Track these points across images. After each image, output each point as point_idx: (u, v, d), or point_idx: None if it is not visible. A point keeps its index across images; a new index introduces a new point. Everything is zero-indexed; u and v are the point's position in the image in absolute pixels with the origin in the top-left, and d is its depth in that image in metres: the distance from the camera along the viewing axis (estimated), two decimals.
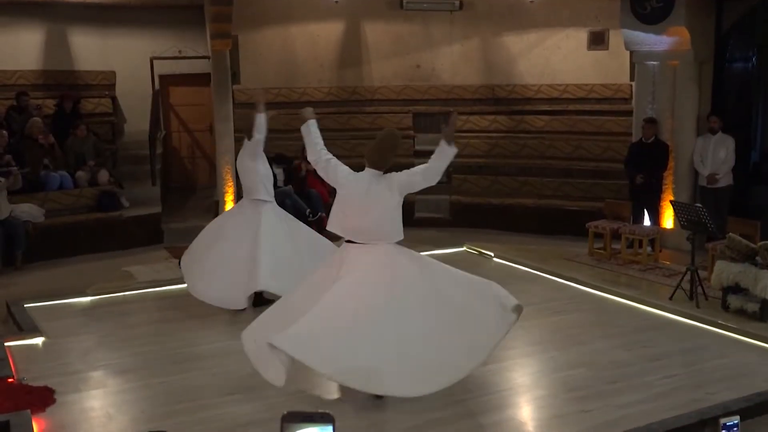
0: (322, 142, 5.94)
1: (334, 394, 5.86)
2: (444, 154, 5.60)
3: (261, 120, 7.73)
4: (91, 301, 8.53)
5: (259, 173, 7.91)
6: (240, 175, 8.15)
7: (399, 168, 5.79)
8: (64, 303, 8.41)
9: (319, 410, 1.72)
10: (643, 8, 10.41)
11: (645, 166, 10.28)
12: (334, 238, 6.77)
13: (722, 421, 2.19)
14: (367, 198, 5.60)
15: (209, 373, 6.38)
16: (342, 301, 5.47)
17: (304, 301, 5.57)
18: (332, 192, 6.08)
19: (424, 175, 5.64)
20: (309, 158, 5.96)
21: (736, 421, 2.21)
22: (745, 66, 10.75)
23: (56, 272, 9.76)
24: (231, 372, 6.27)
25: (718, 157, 10.02)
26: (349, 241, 5.74)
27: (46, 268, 9.92)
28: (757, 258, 7.60)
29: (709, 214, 8.00)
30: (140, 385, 6.17)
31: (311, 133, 5.94)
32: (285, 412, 1.71)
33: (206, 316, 7.76)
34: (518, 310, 5.76)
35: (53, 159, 11.26)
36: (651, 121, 10.40)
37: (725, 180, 10.04)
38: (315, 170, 6.05)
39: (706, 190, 10.11)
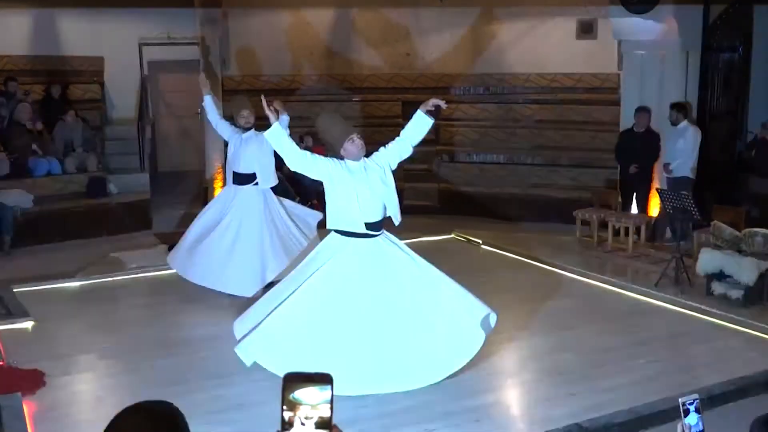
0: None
1: None
2: (420, 122, 5.76)
3: (285, 121, 7.69)
4: (81, 285, 8.53)
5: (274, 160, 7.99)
6: (233, 160, 7.97)
7: None
8: (54, 287, 8.41)
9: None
10: None
11: (637, 155, 10.30)
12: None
13: (681, 400, 2.25)
14: (370, 182, 5.61)
15: (199, 356, 6.42)
16: (313, 298, 5.48)
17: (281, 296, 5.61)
18: None
19: (401, 144, 5.83)
20: (293, 166, 5.60)
21: (695, 398, 2.28)
22: (732, 56, 10.84)
23: (45, 258, 9.73)
24: (221, 355, 6.29)
25: (676, 147, 10.06)
26: (345, 234, 5.65)
27: (34, 253, 9.88)
28: (742, 245, 7.71)
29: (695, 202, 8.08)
30: (130, 369, 6.21)
31: (284, 136, 5.62)
32: (286, 373, 1.77)
33: (195, 301, 7.79)
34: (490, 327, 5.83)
35: (41, 145, 11.23)
36: (646, 110, 10.39)
37: (680, 171, 9.97)
38: (306, 150, 5.87)
39: (668, 181, 10.16)
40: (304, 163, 5.58)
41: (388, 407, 5.42)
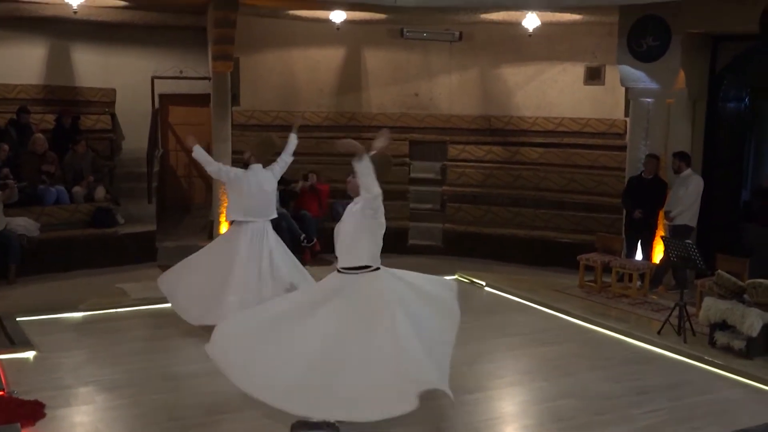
0: None
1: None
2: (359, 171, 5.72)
3: (294, 141, 8.22)
4: (83, 316, 8.58)
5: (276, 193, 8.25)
6: (253, 197, 7.99)
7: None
8: (56, 318, 8.46)
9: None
10: (639, 46, 10.58)
11: (642, 201, 10.34)
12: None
13: None
14: None
15: (200, 391, 6.41)
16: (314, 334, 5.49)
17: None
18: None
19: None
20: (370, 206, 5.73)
21: None
22: (738, 106, 10.91)
23: (49, 286, 9.79)
24: (221, 391, 6.28)
25: (677, 195, 10.10)
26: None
27: (39, 282, 9.94)
28: (745, 296, 7.71)
29: (699, 252, 8.09)
30: (130, 402, 6.21)
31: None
32: (294, 422, 1.80)
33: (198, 335, 7.76)
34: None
35: (50, 174, 11.29)
36: (655, 158, 10.46)
37: (681, 219, 9.98)
38: (310, 188, 5.98)
39: (669, 229, 10.19)
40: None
41: None
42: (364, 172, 5.60)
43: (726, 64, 10.71)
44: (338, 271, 5.76)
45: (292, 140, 8.31)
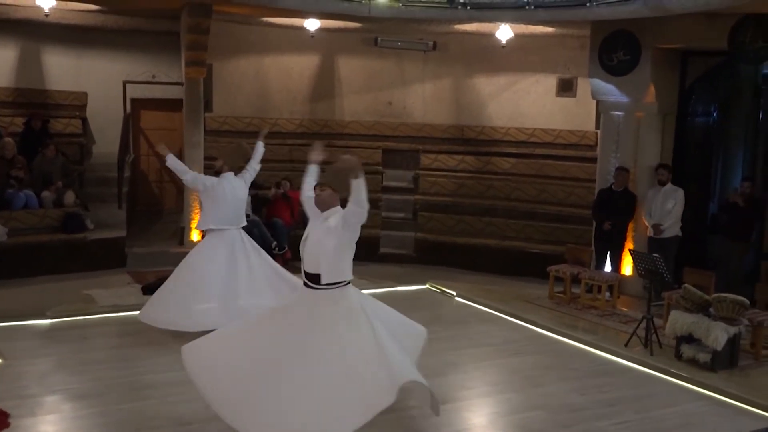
0: None
1: None
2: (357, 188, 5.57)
3: (261, 149, 8.32)
4: (51, 323, 8.48)
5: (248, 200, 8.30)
6: (227, 205, 8.06)
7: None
8: (23, 324, 8.35)
9: None
10: (610, 60, 10.71)
11: (612, 214, 10.46)
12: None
13: None
14: (315, 233, 5.82)
15: (167, 401, 6.37)
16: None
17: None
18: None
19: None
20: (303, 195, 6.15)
21: None
22: (707, 120, 11.08)
23: (17, 292, 9.67)
24: (188, 401, 6.25)
25: (665, 208, 10.21)
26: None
27: (6, 287, 9.79)
28: (711, 309, 7.80)
29: (666, 265, 8.18)
30: (96, 412, 6.15)
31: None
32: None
33: (165, 344, 7.73)
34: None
35: (19, 179, 11.16)
36: (625, 170, 10.58)
37: (671, 231, 10.15)
38: (283, 195, 6.11)
39: (653, 241, 10.26)
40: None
41: None
42: (361, 188, 5.52)
43: (695, 78, 10.87)
44: (311, 286, 5.62)
45: (260, 148, 8.41)
